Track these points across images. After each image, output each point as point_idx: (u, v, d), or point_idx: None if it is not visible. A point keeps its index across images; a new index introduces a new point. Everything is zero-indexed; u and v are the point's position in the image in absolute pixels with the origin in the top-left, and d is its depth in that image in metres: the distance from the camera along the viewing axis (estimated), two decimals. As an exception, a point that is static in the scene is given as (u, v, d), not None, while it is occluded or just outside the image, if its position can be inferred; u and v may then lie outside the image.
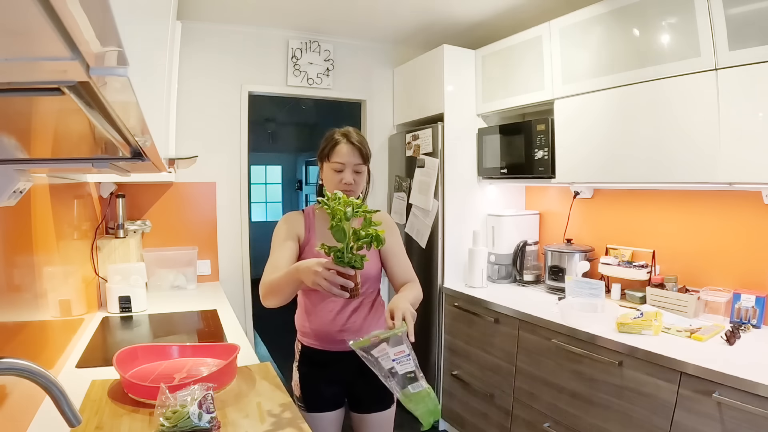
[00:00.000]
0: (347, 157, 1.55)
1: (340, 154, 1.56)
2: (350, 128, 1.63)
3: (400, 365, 1.28)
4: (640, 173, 2.00)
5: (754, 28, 1.59)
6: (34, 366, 0.70)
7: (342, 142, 1.57)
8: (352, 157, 1.56)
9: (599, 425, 1.84)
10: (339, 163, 1.55)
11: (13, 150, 0.77)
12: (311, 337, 1.58)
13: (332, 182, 1.57)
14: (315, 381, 1.57)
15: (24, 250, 1.29)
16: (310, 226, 1.60)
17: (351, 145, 1.56)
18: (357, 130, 1.63)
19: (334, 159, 1.56)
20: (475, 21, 2.81)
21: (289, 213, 1.66)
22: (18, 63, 0.32)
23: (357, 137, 1.59)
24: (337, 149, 1.56)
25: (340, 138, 1.58)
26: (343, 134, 1.59)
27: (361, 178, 1.59)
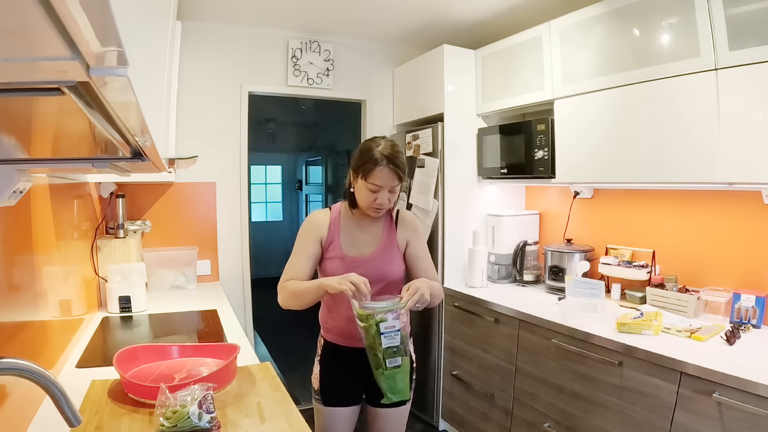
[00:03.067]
0: (386, 180, 1.50)
1: (379, 178, 1.50)
2: (390, 145, 1.53)
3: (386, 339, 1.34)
4: (640, 173, 2.00)
5: (754, 28, 1.59)
6: (34, 366, 0.70)
7: (382, 164, 1.49)
8: (390, 181, 1.51)
9: (599, 425, 1.84)
10: (376, 185, 1.51)
11: (13, 150, 0.77)
12: (333, 333, 1.62)
13: (365, 200, 1.54)
14: (335, 375, 1.61)
15: (24, 250, 1.29)
16: (335, 227, 1.61)
17: (392, 169, 1.50)
18: (396, 148, 1.54)
19: (371, 180, 1.50)
20: (475, 21, 2.81)
21: (315, 212, 1.66)
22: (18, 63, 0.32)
23: (399, 160, 1.52)
24: (377, 172, 1.50)
25: (381, 159, 1.49)
26: (385, 156, 1.50)
27: (394, 195, 1.57)
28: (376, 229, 1.65)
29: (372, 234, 1.64)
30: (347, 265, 1.57)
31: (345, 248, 1.60)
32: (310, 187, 7.86)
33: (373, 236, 1.64)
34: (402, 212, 1.71)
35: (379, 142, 1.55)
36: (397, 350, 1.36)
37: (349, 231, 1.62)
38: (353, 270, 1.53)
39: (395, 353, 1.36)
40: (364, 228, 1.64)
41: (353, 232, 1.63)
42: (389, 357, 1.35)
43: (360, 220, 1.64)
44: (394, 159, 1.51)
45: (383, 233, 1.65)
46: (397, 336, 1.35)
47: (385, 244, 1.63)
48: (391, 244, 1.64)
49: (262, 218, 8.04)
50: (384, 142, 1.55)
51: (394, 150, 1.53)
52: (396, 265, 1.64)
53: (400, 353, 1.37)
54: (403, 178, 1.55)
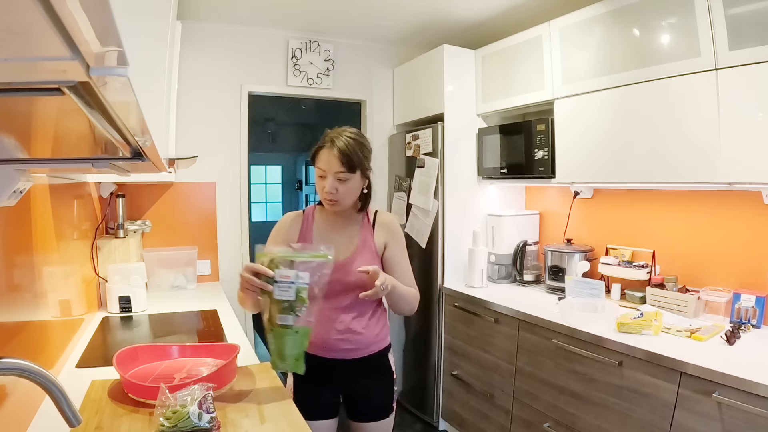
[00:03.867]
0: (329, 164, 1.42)
1: (322, 160, 1.44)
2: (346, 131, 1.47)
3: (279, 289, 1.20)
4: (640, 173, 2.00)
5: (754, 28, 1.59)
6: (34, 366, 0.70)
7: (326, 147, 1.43)
8: (332, 165, 1.42)
9: (599, 425, 1.84)
10: (320, 168, 1.44)
11: (13, 150, 0.77)
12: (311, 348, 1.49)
13: (318, 188, 1.48)
14: (310, 388, 1.50)
15: (24, 250, 1.29)
16: (307, 229, 1.54)
17: (332, 152, 1.41)
18: (353, 133, 1.47)
19: (316, 164, 1.46)
20: (475, 21, 2.81)
21: (288, 214, 1.60)
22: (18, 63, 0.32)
23: (344, 143, 1.42)
24: (321, 154, 1.44)
25: (326, 141, 1.44)
26: (331, 138, 1.44)
27: (347, 187, 1.45)
28: (351, 231, 1.55)
29: (347, 236, 1.54)
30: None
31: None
32: (310, 187, 7.86)
33: (348, 238, 1.54)
34: (381, 213, 1.63)
35: (336, 128, 1.49)
36: (290, 306, 1.21)
37: (323, 233, 1.54)
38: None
39: (286, 310, 1.21)
40: (339, 230, 1.55)
41: (327, 234, 1.54)
42: (280, 312, 1.21)
43: (334, 221, 1.55)
44: (340, 142, 1.41)
45: (360, 235, 1.55)
46: (291, 290, 1.20)
47: (362, 248, 1.53)
48: (367, 247, 1.54)
49: (262, 218, 8.04)
50: (340, 129, 1.48)
51: (345, 135, 1.44)
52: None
53: (292, 312, 1.21)
54: (354, 166, 1.42)
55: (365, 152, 1.47)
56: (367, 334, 1.53)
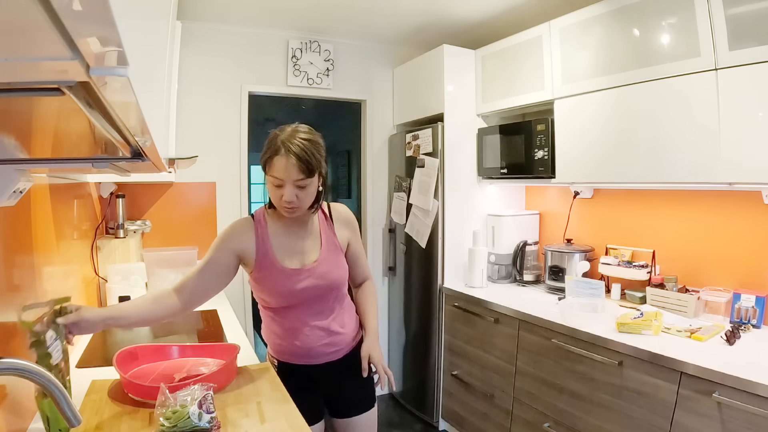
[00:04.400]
0: (286, 173, 1.30)
1: (278, 169, 1.31)
2: (297, 132, 1.34)
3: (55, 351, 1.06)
4: (640, 173, 2.00)
5: (754, 28, 1.59)
6: (34, 366, 0.70)
7: (280, 154, 1.30)
8: (291, 173, 1.30)
9: (599, 425, 1.84)
10: (276, 178, 1.32)
11: (13, 150, 0.77)
12: (287, 354, 1.49)
13: (273, 197, 1.37)
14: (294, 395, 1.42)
15: (24, 250, 1.29)
16: (263, 238, 1.43)
17: (289, 160, 1.29)
18: (306, 133, 1.35)
19: (271, 173, 1.32)
20: (475, 21, 2.81)
21: (237, 222, 1.46)
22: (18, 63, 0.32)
23: (299, 147, 1.30)
24: (275, 162, 1.31)
25: (280, 147, 1.30)
26: (283, 143, 1.31)
27: (306, 193, 1.36)
28: (312, 232, 1.48)
29: (309, 238, 1.47)
30: (290, 278, 1.41)
31: (282, 260, 1.42)
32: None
33: (311, 241, 1.47)
34: (334, 207, 1.56)
35: (285, 129, 1.36)
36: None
37: (281, 239, 1.44)
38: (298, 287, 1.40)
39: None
40: (298, 233, 1.46)
41: (286, 240, 1.45)
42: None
43: (289, 225, 1.45)
44: (295, 148, 1.30)
45: (322, 235, 1.49)
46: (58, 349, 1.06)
47: (328, 248, 1.47)
48: (333, 246, 1.49)
49: (262, 218, 8.02)
50: (290, 129, 1.36)
51: (299, 138, 1.32)
52: (342, 268, 1.51)
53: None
54: (312, 171, 1.33)
55: (321, 151, 1.38)
56: (346, 332, 1.54)
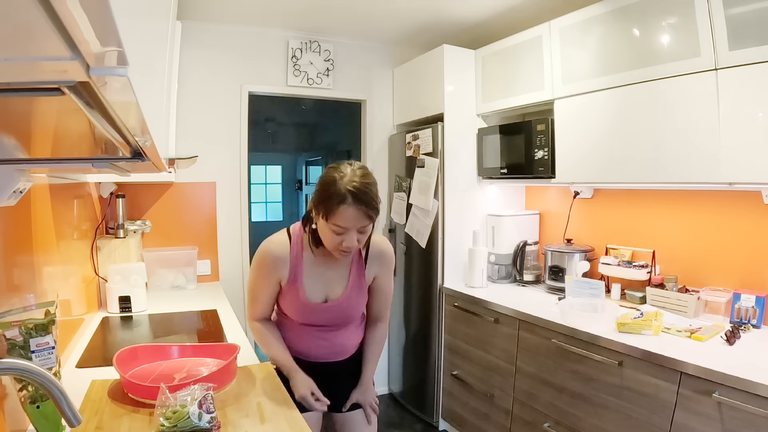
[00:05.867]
0: (352, 221, 1.27)
1: (344, 218, 1.26)
2: (359, 175, 1.28)
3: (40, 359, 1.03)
4: (640, 173, 2.00)
5: (754, 28, 1.59)
6: (34, 366, 0.70)
7: (347, 203, 1.25)
8: (358, 222, 1.27)
9: (599, 425, 1.84)
10: (340, 227, 1.28)
11: (13, 150, 0.77)
12: (292, 351, 1.52)
13: (330, 242, 1.33)
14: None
15: (24, 250, 1.29)
16: (297, 263, 1.43)
17: (359, 209, 1.25)
18: (367, 178, 1.29)
19: (334, 221, 1.27)
20: (475, 21, 2.81)
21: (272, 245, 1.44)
22: (18, 63, 0.32)
23: (369, 195, 1.26)
24: (341, 211, 1.26)
25: (345, 196, 1.25)
26: (350, 192, 1.24)
27: (365, 236, 1.35)
28: (343, 265, 1.48)
29: (338, 270, 1.47)
30: (311, 310, 1.44)
31: (308, 291, 1.44)
32: (310, 187, 7.87)
33: (339, 275, 1.47)
34: (375, 243, 1.49)
35: (344, 171, 1.29)
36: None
37: (313, 268, 1.44)
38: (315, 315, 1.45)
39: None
40: (329, 263, 1.46)
41: (318, 270, 1.45)
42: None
43: (324, 255, 1.44)
44: (363, 195, 1.25)
45: (352, 271, 1.48)
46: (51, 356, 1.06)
47: (353, 286, 1.47)
48: (359, 285, 1.48)
49: (262, 218, 8.04)
50: (350, 171, 1.29)
51: (363, 182, 1.26)
52: (361, 306, 1.53)
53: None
54: (375, 218, 1.30)
55: (378, 196, 1.33)
56: (350, 343, 1.59)
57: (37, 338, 1.03)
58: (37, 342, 1.03)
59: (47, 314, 1.08)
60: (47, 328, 1.06)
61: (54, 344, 1.07)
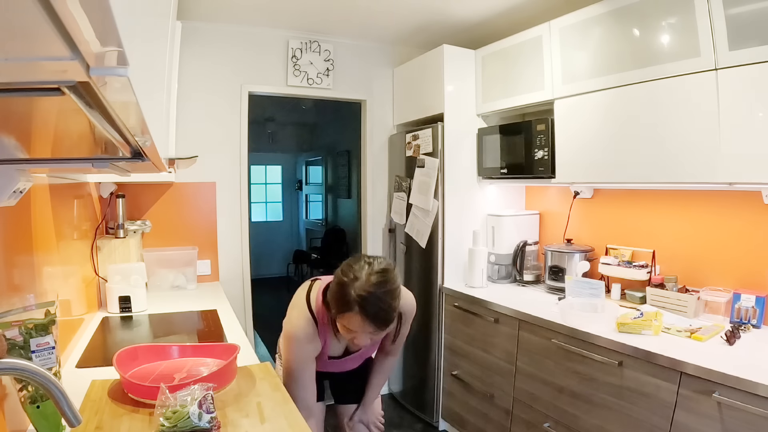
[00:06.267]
0: (361, 328, 1.23)
1: (350, 323, 1.24)
2: (371, 280, 1.19)
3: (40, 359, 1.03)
4: (640, 173, 2.00)
5: (754, 28, 1.59)
6: (34, 366, 0.70)
7: (354, 311, 1.20)
8: (366, 329, 1.23)
9: (599, 425, 1.84)
10: (348, 329, 1.27)
11: (13, 150, 0.77)
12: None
13: (344, 335, 1.32)
14: None
15: (24, 250, 1.29)
16: (325, 335, 1.43)
17: (365, 321, 1.20)
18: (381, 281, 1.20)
19: (342, 321, 1.25)
20: (475, 21, 2.81)
21: (301, 324, 1.37)
22: (18, 63, 0.32)
23: (376, 306, 1.18)
24: (348, 317, 1.22)
25: (353, 305, 1.19)
26: (358, 301, 1.18)
27: (381, 336, 1.34)
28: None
29: None
30: (328, 363, 1.50)
31: (332, 350, 1.49)
32: (310, 187, 7.87)
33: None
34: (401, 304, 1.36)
35: (358, 275, 1.21)
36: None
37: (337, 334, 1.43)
38: (333, 365, 1.51)
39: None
40: None
41: (337, 336, 1.45)
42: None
43: None
44: (372, 307, 1.18)
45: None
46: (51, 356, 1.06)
47: (374, 342, 1.46)
48: (377, 340, 1.47)
49: (262, 218, 8.04)
50: (365, 275, 1.20)
51: (376, 291, 1.18)
52: (372, 352, 1.62)
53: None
54: (388, 327, 1.25)
55: (397, 299, 1.25)
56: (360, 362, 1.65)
57: (37, 338, 1.03)
58: (37, 342, 1.03)
59: (47, 314, 1.07)
60: (47, 328, 1.05)
61: (54, 344, 1.07)
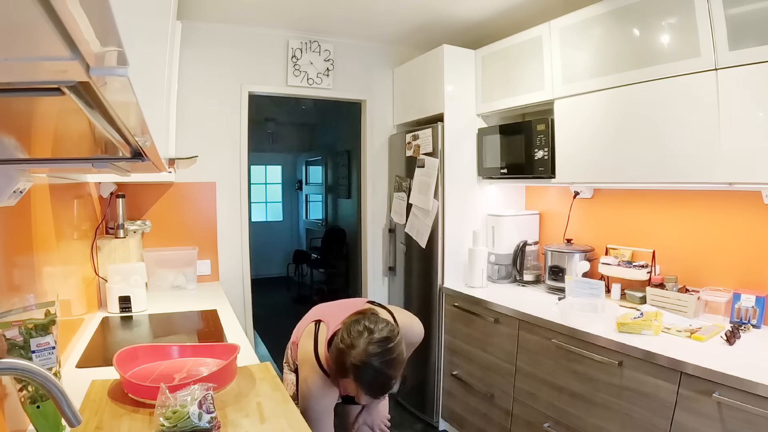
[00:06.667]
0: (357, 394, 1.26)
1: (349, 389, 1.28)
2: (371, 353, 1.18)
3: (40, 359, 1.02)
4: (640, 173, 2.00)
5: (754, 28, 1.59)
6: (34, 366, 0.70)
7: (348, 378, 1.22)
8: (364, 396, 1.26)
9: (599, 425, 1.84)
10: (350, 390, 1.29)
11: (13, 150, 0.77)
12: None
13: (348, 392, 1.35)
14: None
15: (24, 250, 1.29)
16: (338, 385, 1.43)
17: (360, 389, 1.22)
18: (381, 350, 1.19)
19: (343, 384, 1.28)
20: (475, 21, 2.81)
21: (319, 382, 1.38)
22: (18, 63, 0.32)
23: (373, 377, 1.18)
24: (346, 383, 1.26)
25: (349, 372, 1.20)
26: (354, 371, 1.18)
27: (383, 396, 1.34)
28: None
29: None
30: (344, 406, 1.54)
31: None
32: (310, 187, 7.87)
33: None
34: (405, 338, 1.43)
35: (356, 343, 1.20)
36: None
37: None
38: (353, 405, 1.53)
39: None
40: None
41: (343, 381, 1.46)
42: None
43: None
44: (368, 377, 1.18)
45: None
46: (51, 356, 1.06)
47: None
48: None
49: (262, 218, 8.04)
50: (364, 342, 1.19)
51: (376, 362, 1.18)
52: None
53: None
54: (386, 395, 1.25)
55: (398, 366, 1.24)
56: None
57: (37, 338, 1.03)
58: (37, 342, 1.03)
59: (47, 314, 1.07)
60: (47, 328, 1.05)
61: (54, 344, 1.07)
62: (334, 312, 1.53)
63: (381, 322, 1.28)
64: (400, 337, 1.27)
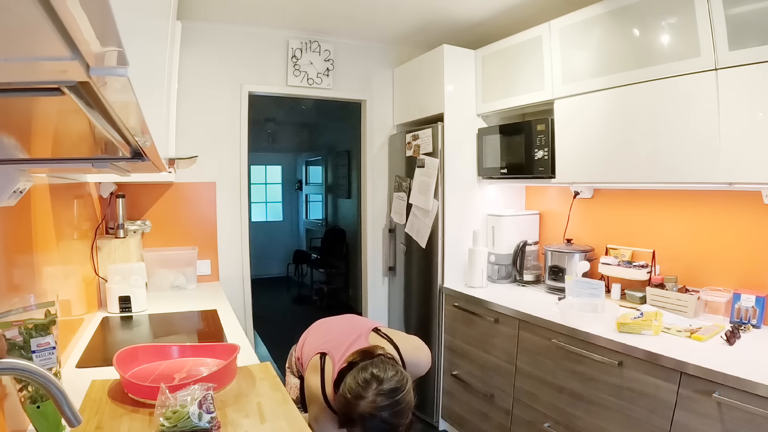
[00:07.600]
0: None
1: None
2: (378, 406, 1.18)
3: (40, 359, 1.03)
4: (640, 173, 2.00)
5: (754, 28, 1.59)
6: (34, 366, 0.70)
7: (357, 429, 1.21)
8: None
9: (599, 425, 1.84)
10: None
11: (13, 150, 0.77)
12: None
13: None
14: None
15: (24, 250, 1.29)
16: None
17: None
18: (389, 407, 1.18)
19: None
20: (475, 21, 2.81)
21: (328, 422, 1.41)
22: (18, 63, 0.32)
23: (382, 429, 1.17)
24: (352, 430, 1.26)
25: (356, 423, 1.20)
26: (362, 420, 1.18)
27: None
28: None
29: None
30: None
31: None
32: (310, 187, 7.87)
33: None
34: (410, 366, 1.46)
35: (364, 394, 1.19)
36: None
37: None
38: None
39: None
40: None
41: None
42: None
43: None
44: (375, 428, 1.17)
45: None
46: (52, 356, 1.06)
47: None
48: None
49: (262, 218, 8.04)
50: (371, 395, 1.18)
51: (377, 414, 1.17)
52: None
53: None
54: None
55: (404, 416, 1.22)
56: None
57: (37, 338, 1.03)
58: (37, 342, 1.03)
59: (47, 314, 1.07)
60: (47, 328, 1.05)
61: (54, 344, 1.07)
62: (337, 339, 1.52)
63: (390, 369, 1.25)
64: (409, 385, 1.25)
